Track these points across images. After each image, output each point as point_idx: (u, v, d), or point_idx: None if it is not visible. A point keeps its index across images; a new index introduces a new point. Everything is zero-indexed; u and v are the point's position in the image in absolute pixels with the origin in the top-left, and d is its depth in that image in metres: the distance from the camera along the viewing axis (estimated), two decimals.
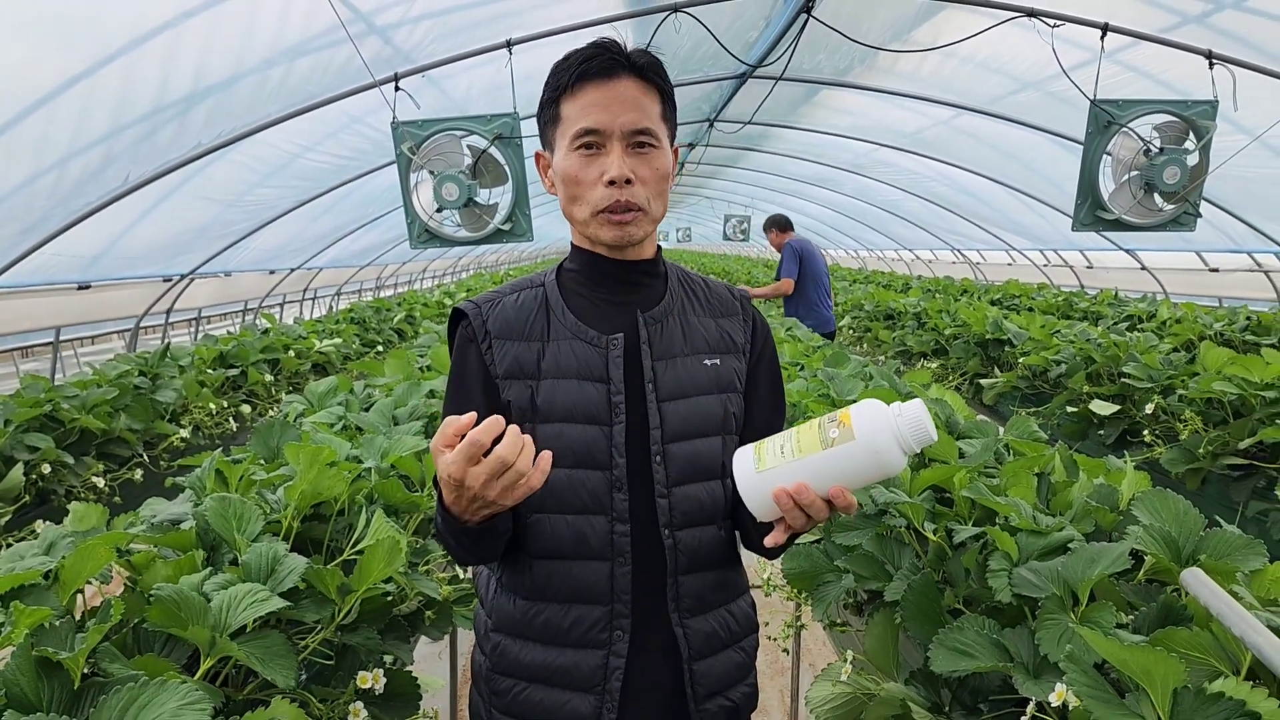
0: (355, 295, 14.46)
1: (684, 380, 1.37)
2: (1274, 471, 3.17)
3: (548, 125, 1.36)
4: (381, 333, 8.68)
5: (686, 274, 1.50)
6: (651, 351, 1.36)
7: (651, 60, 1.31)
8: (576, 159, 1.29)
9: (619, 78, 1.28)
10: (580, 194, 1.31)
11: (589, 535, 1.32)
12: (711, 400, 1.38)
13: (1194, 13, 4.69)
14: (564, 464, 1.31)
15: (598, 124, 1.27)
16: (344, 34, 4.17)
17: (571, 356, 1.34)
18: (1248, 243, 7.57)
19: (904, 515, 1.91)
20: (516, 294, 1.43)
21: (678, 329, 1.40)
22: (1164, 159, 4.48)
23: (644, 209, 1.30)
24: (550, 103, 1.34)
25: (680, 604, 1.37)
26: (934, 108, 7.55)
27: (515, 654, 1.37)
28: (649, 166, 1.29)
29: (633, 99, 1.28)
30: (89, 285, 6.23)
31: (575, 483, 1.32)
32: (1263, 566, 1.46)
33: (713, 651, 1.40)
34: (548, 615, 1.35)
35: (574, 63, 1.29)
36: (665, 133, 1.33)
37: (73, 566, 1.46)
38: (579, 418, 1.32)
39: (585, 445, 1.32)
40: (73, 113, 4.03)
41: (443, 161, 4.49)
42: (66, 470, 3.55)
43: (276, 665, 1.41)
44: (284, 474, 2.26)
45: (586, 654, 1.34)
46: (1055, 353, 5.17)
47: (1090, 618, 1.37)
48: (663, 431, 1.34)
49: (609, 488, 1.32)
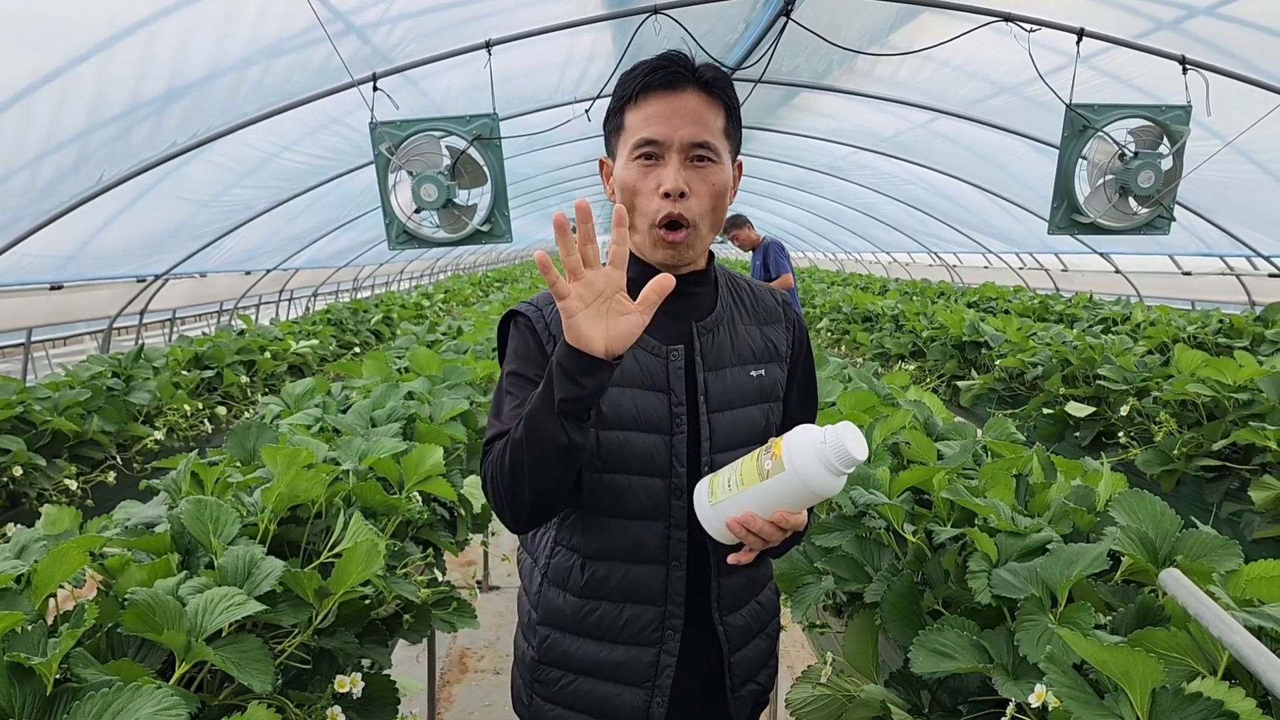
0: (332, 296, 14.36)
1: (731, 392, 1.40)
2: (1247, 473, 3.20)
3: (611, 134, 1.39)
4: (359, 334, 8.63)
5: (734, 279, 1.52)
6: (704, 363, 1.39)
7: (718, 75, 1.33)
8: (635, 169, 1.31)
9: (683, 90, 1.29)
10: (637, 203, 1.32)
11: (647, 540, 1.37)
12: (755, 411, 1.42)
13: (1168, 19, 4.74)
14: (628, 470, 1.35)
15: (657, 135, 1.28)
16: (322, 33, 4.14)
17: (635, 365, 1.36)
18: (1220, 246, 7.65)
19: (883, 517, 1.92)
20: None
21: (727, 339, 1.43)
22: (1139, 163, 4.53)
23: (695, 225, 1.32)
24: (615, 112, 1.36)
25: (721, 603, 1.43)
26: (912, 111, 7.59)
27: (565, 648, 1.42)
28: (705, 181, 1.31)
29: (695, 112, 1.29)
30: (61, 286, 6.15)
31: (636, 489, 1.36)
32: (1238, 567, 1.47)
33: (746, 642, 1.48)
34: (602, 613, 1.40)
35: (640, 73, 1.31)
36: (727, 148, 1.34)
37: (45, 570, 1.44)
38: (643, 426, 1.35)
39: (648, 453, 1.35)
40: (46, 111, 3.97)
41: (421, 162, 4.47)
42: (38, 473, 3.50)
43: (253, 670, 1.39)
44: (261, 476, 2.24)
45: (640, 651, 1.39)
46: (1031, 355, 5.21)
47: (1069, 618, 1.38)
48: (711, 443, 1.37)
49: (668, 495, 1.36)
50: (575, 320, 1.10)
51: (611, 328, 1.12)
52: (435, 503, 2.72)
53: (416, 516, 2.42)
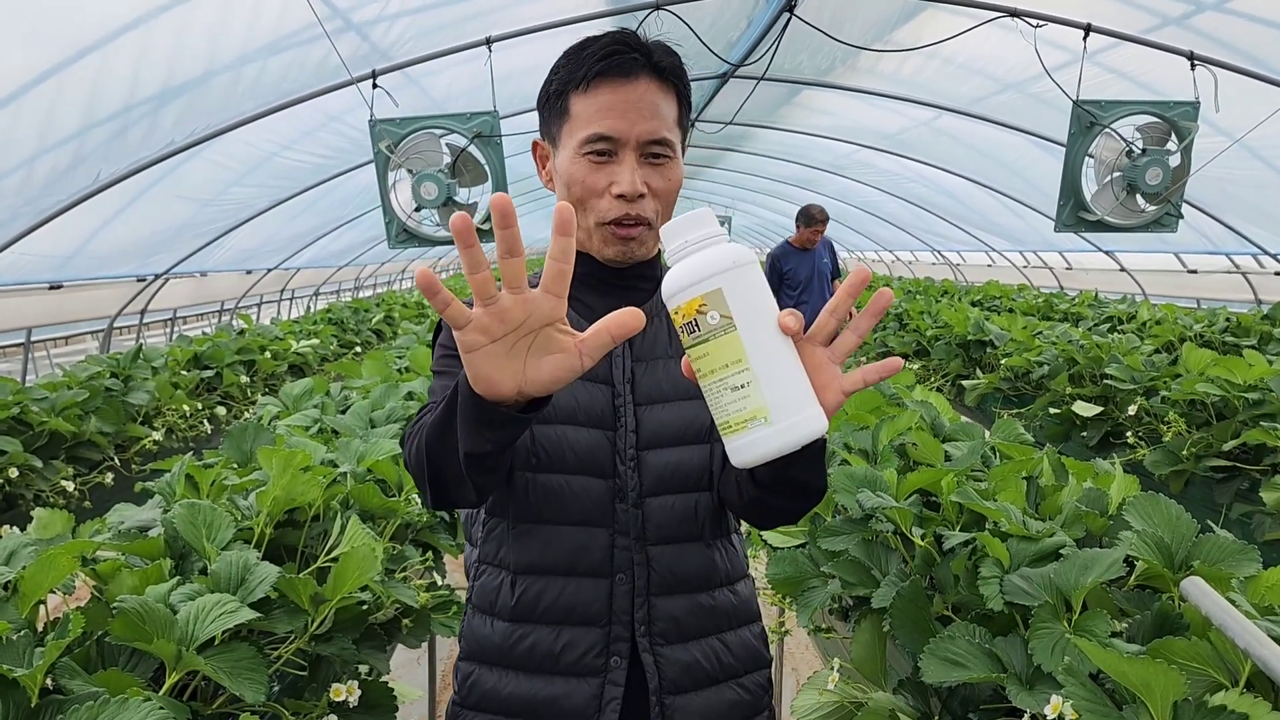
0: (334, 296, 14.34)
1: (664, 384, 1.26)
2: (1258, 474, 3.16)
3: (552, 118, 1.24)
4: (360, 334, 8.60)
5: None
6: (631, 352, 1.27)
7: (674, 62, 1.21)
8: (584, 165, 1.18)
9: (638, 79, 1.17)
10: (585, 201, 1.20)
11: (589, 548, 1.22)
12: (693, 406, 1.26)
13: (1175, 14, 4.70)
14: (565, 469, 1.22)
15: (612, 131, 1.16)
16: (320, 30, 4.11)
17: None
18: (1226, 244, 7.61)
19: (891, 520, 1.88)
20: None
21: (663, 328, 1.30)
22: (1146, 160, 4.48)
23: (651, 223, 1.21)
24: (558, 94, 1.21)
25: (653, 625, 1.25)
26: (915, 109, 7.55)
27: (491, 685, 1.25)
28: (663, 178, 1.20)
29: (651, 105, 1.18)
30: (61, 285, 6.13)
31: (576, 490, 1.22)
32: (1257, 572, 1.44)
33: (690, 686, 1.25)
34: (535, 639, 1.23)
35: (590, 57, 1.17)
36: (679, 139, 1.24)
37: (33, 577, 1.40)
38: (582, 420, 1.23)
39: (588, 450, 1.22)
40: (40, 111, 3.94)
41: (421, 160, 4.43)
42: (35, 474, 3.48)
43: (245, 679, 1.36)
44: (257, 479, 2.21)
45: (579, 683, 1.21)
46: (1037, 354, 5.17)
47: (1084, 626, 1.35)
48: (638, 437, 1.24)
49: (612, 497, 1.22)
50: (475, 358, 0.83)
51: (531, 370, 0.84)
52: None
53: (416, 519, 2.39)
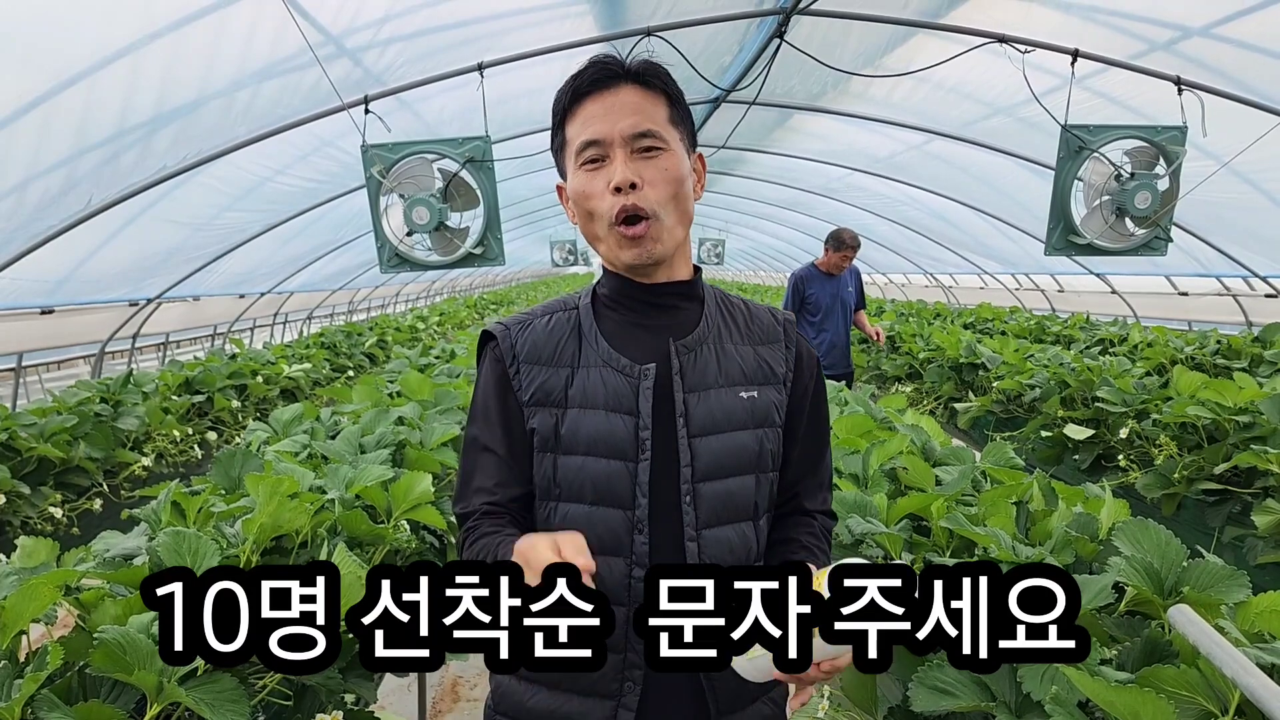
0: (327, 319, 14.32)
1: (717, 414, 1.28)
2: (1249, 496, 3.16)
3: (558, 153, 1.30)
4: (352, 357, 8.59)
5: (726, 297, 1.42)
6: (684, 383, 1.27)
7: (651, 65, 1.25)
8: (583, 176, 1.23)
9: (617, 87, 1.22)
10: (592, 208, 1.23)
11: (605, 578, 1.23)
12: (745, 436, 1.29)
13: (1162, 40, 4.74)
14: (584, 499, 1.25)
15: (596, 134, 1.20)
16: (312, 56, 4.12)
17: (600, 386, 1.27)
18: (1216, 267, 7.64)
19: (881, 545, 1.87)
20: (549, 316, 1.35)
21: (712, 357, 1.31)
22: (1135, 184, 4.51)
23: (654, 215, 1.21)
24: (556, 129, 1.29)
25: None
26: (906, 132, 7.59)
27: (519, 697, 1.30)
28: (657, 168, 1.21)
29: (633, 104, 1.21)
30: (52, 310, 6.11)
31: (594, 520, 1.24)
32: (1246, 598, 1.43)
33: (741, 706, 1.29)
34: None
35: (569, 83, 1.24)
36: (677, 136, 1.25)
37: (14, 607, 1.39)
38: (602, 451, 1.24)
39: (607, 481, 1.24)
40: (31, 136, 3.93)
41: (413, 185, 4.43)
42: (22, 500, 3.45)
43: (227, 711, 1.34)
44: (244, 505, 2.19)
45: (595, 704, 1.25)
46: (1029, 377, 5.18)
47: None
48: (694, 469, 1.25)
49: (629, 529, 1.24)
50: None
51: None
52: (425, 530, 2.67)
53: (405, 546, 2.37)
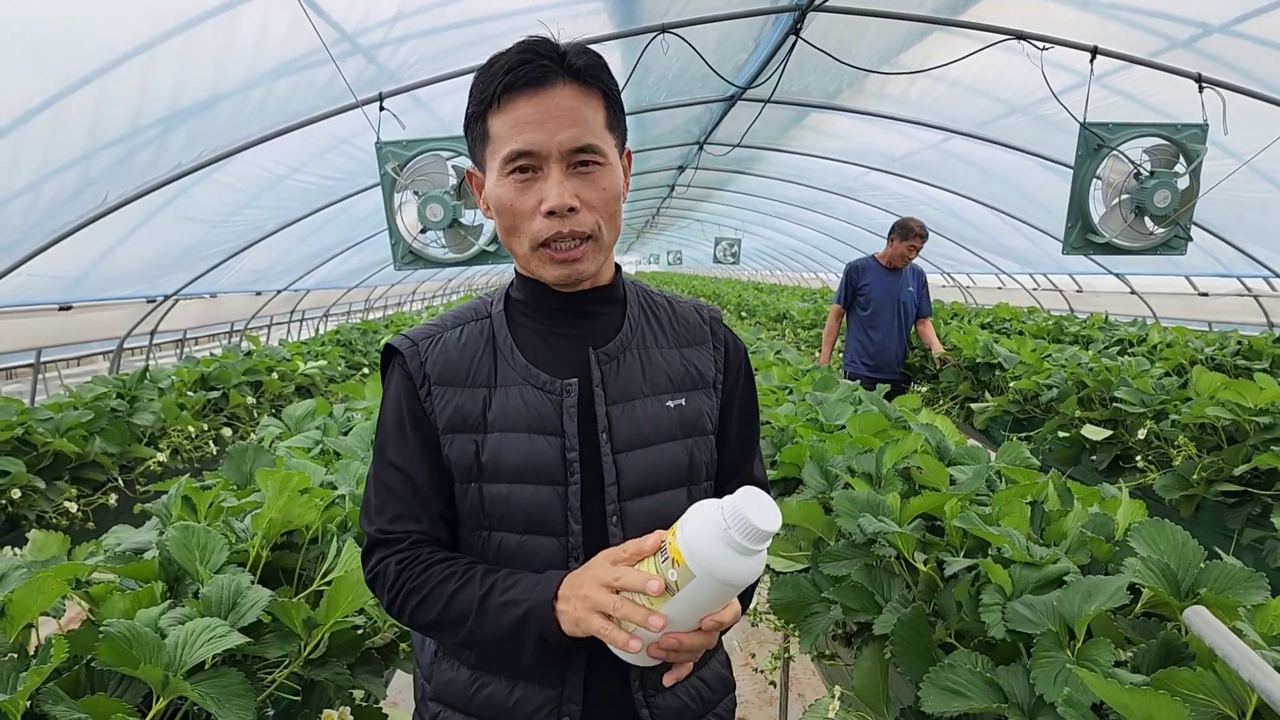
0: (344, 317, 14.38)
1: (644, 426, 1.20)
2: (1269, 498, 3.12)
3: (476, 143, 1.18)
4: (367, 355, 8.60)
5: (649, 296, 1.33)
6: (606, 395, 1.19)
7: (590, 61, 1.12)
8: (510, 186, 1.12)
9: (553, 86, 1.09)
10: (518, 225, 1.14)
11: None
12: (675, 448, 1.22)
13: (1182, 37, 4.69)
14: (515, 529, 1.17)
15: (531, 145, 1.09)
16: (326, 54, 4.13)
17: (521, 406, 1.18)
18: (1237, 267, 7.57)
19: (894, 545, 1.85)
20: (459, 328, 1.25)
21: (636, 365, 1.23)
22: (1154, 182, 4.46)
23: (593, 236, 1.14)
24: (476, 118, 1.15)
25: (647, 681, 1.21)
26: (923, 131, 7.55)
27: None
28: (595, 188, 1.12)
29: (571, 111, 1.10)
30: (70, 306, 6.15)
31: (528, 550, 1.17)
32: (1265, 601, 1.40)
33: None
34: (492, 690, 1.20)
35: (500, 71, 1.11)
36: (612, 143, 1.15)
37: (21, 600, 1.39)
38: (529, 477, 1.16)
39: (537, 508, 1.16)
40: (46, 135, 3.97)
41: (427, 182, 4.44)
42: (38, 495, 3.47)
43: (233, 706, 1.34)
44: (255, 500, 2.19)
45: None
46: (1046, 377, 5.13)
47: (1087, 655, 1.32)
48: (619, 488, 1.18)
49: (564, 556, 1.17)
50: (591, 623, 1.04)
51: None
52: None
53: None
